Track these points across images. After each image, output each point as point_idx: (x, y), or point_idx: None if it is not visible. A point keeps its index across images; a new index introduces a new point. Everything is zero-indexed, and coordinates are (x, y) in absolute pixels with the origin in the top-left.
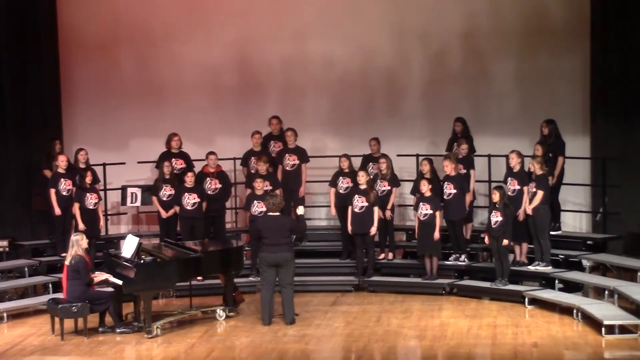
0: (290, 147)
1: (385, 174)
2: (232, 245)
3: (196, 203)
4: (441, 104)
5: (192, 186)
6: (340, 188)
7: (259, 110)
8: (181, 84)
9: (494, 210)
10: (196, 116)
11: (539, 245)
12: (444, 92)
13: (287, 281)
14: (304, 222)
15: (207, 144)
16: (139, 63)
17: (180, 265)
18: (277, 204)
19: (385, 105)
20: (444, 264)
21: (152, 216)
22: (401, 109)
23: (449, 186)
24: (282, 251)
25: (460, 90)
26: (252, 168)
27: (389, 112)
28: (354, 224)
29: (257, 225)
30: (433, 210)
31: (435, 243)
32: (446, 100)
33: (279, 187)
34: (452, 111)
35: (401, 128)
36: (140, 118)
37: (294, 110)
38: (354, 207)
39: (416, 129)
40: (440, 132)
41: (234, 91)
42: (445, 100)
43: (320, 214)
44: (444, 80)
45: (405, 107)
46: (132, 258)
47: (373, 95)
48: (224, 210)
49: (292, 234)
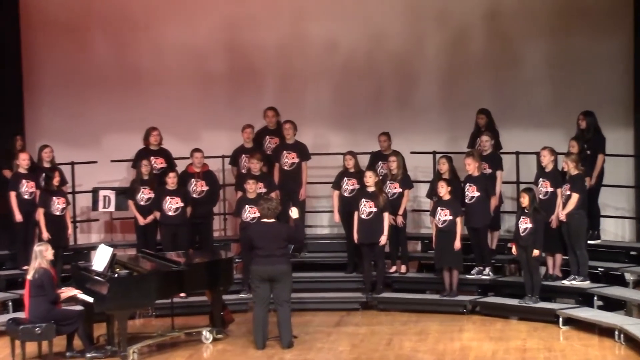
0: (288, 143)
1: (396, 174)
2: (221, 257)
3: (179, 208)
4: (461, 93)
5: (175, 188)
6: (345, 190)
7: (252, 101)
8: (162, 71)
9: (522, 216)
10: (179, 108)
11: (574, 257)
12: (465, 80)
13: (283, 298)
14: (301, 232)
15: (192, 139)
16: (113, 47)
17: (160, 279)
18: (272, 208)
19: (397, 96)
20: (465, 278)
21: (128, 223)
22: (415, 100)
23: (471, 188)
24: (278, 263)
25: (483, 78)
26: (243, 167)
27: (401, 103)
28: (361, 232)
29: (249, 233)
30: (453, 217)
31: (456, 254)
32: (467, 90)
33: (274, 189)
34: (474, 102)
35: (415, 121)
36: (114, 110)
37: (292, 101)
38: (361, 213)
39: (433, 123)
40: (460, 125)
41: (223, 79)
42: (466, 89)
43: (322, 221)
44: (464, 67)
45: (420, 98)
46: (105, 271)
47: (383, 84)
48: (211, 216)
49: (289, 244)
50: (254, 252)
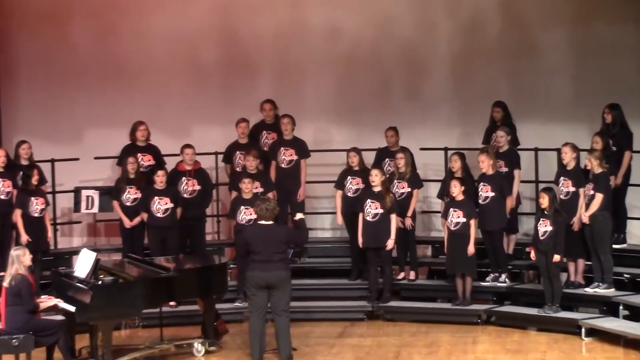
0: (286, 139)
1: (404, 172)
2: (214, 262)
3: (168, 209)
4: (475, 85)
5: (164, 188)
6: (349, 190)
7: (247, 93)
8: (149, 61)
9: (542, 218)
10: (168, 101)
11: (598, 262)
12: (479, 71)
13: (281, 307)
14: (305, 232)
15: (182, 135)
16: (96, 35)
17: (148, 287)
18: (269, 209)
19: (405, 87)
20: (479, 285)
21: (112, 225)
22: (425, 92)
23: (486, 188)
24: (276, 269)
25: (499, 67)
26: (238, 165)
27: (409, 95)
28: (366, 236)
29: (244, 236)
30: (466, 219)
31: (469, 259)
32: (481, 81)
33: (272, 188)
34: (489, 94)
35: (425, 115)
36: (98, 103)
37: (291, 93)
38: (366, 215)
39: (444, 117)
40: (474, 120)
41: (215, 70)
42: (481, 80)
43: (324, 223)
44: (478, 56)
45: (430, 89)
46: (88, 278)
47: (389, 75)
48: (203, 218)
49: (288, 248)
50: (249, 257)
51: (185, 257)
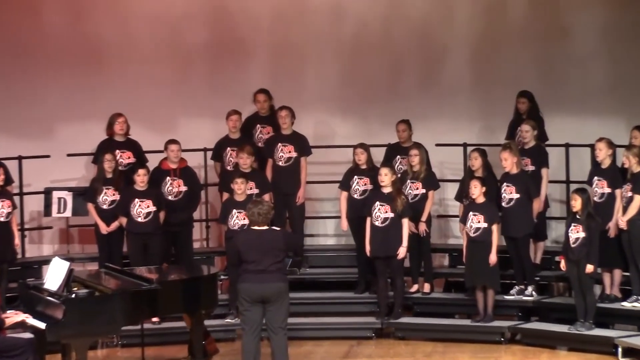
0: (284, 134)
1: (418, 171)
2: (202, 273)
3: (150, 213)
4: (498, 72)
5: (145, 189)
6: (355, 192)
7: (239, 81)
8: (130, 44)
9: (573, 223)
10: (151, 90)
11: (636, 273)
12: (503, 56)
13: (278, 323)
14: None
15: (167, 129)
16: (69, 15)
17: (127, 300)
18: (263, 213)
19: (419, 74)
20: (503, 299)
21: (87, 231)
22: (441, 80)
23: (510, 189)
24: (272, 280)
25: (525, 53)
26: (229, 163)
27: (423, 83)
28: (375, 243)
29: (236, 243)
30: (488, 224)
31: (491, 270)
32: (505, 67)
33: (268, 189)
34: (513, 82)
35: (441, 106)
36: (71, 93)
37: (289, 82)
38: (375, 219)
39: (463, 108)
40: (496, 112)
41: (204, 55)
42: (504, 67)
43: (327, 229)
44: (502, 39)
45: (448, 77)
46: (60, 291)
47: (401, 60)
48: (190, 223)
49: (287, 256)
50: (242, 267)
51: (169, 267)
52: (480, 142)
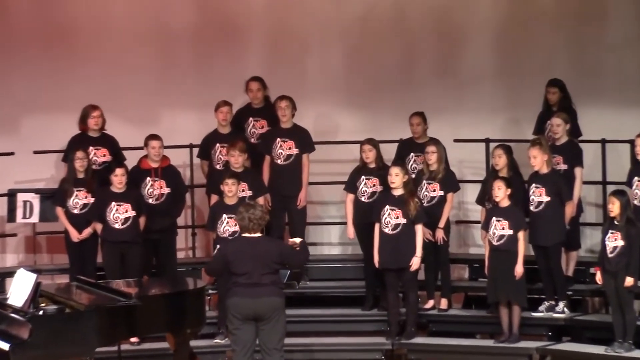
0: (283, 128)
1: (435, 171)
2: (187, 287)
3: (129, 218)
4: (525, 59)
5: (123, 191)
6: (363, 194)
7: (230, 69)
8: (105, 28)
9: (611, 229)
10: (129, 79)
11: None
12: (531, 41)
13: (273, 344)
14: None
15: (147, 122)
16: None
17: (103, 318)
18: (253, 219)
19: (436, 61)
20: (530, 316)
21: (57, 239)
22: (461, 68)
23: (539, 191)
24: (266, 295)
25: (556, 37)
26: (218, 162)
27: (441, 71)
28: (385, 253)
29: (226, 253)
30: (513, 230)
31: (517, 283)
32: (533, 54)
33: (263, 192)
34: (542, 70)
35: (461, 97)
36: (38, 83)
37: (287, 70)
38: (385, 226)
39: (485, 99)
40: (523, 103)
41: (190, 39)
42: (532, 53)
43: (331, 236)
44: (529, 22)
45: (468, 64)
46: (26, 307)
47: (415, 46)
48: (174, 229)
49: (283, 268)
50: (232, 280)
51: (150, 281)
52: (504, 137)
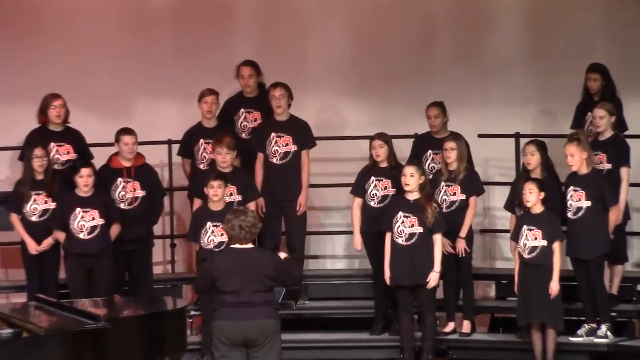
0: (278, 121)
1: (455, 170)
2: (166, 308)
3: (97, 227)
4: (562, 40)
5: (90, 195)
6: (372, 198)
7: (218, 53)
8: (70, 6)
9: None
10: (98, 64)
11: None
12: (567, 20)
13: None
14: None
15: (119, 114)
16: None
17: (67, 343)
18: (245, 227)
19: (456, 44)
20: (567, 341)
21: (11, 251)
22: (486, 50)
23: (578, 194)
24: (258, 316)
25: (596, 16)
26: (202, 160)
27: (463, 55)
28: (397, 267)
29: (211, 267)
30: (548, 241)
31: (552, 303)
32: (571, 35)
33: (255, 195)
34: (581, 54)
35: (486, 85)
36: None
37: (284, 55)
38: (397, 235)
39: (514, 87)
40: (559, 91)
41: (170, 18)
42: (570, 34)
43: (335, 248)
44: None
45: (495, 47)
46: None
47: (433, 27)
48: (149, 240)
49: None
50: (219, 299)
51: (122, 300)
52: (537, 132)
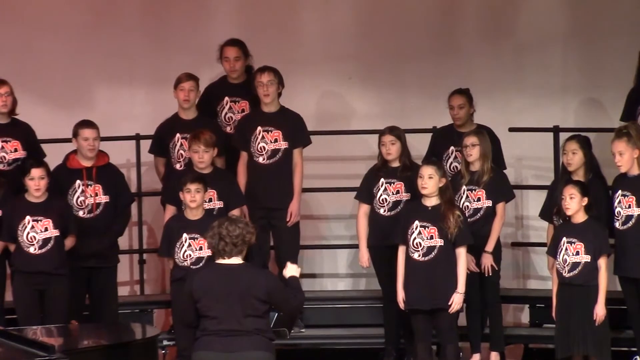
0: (266, 112)
1: (478, 171)
2: (133, 337)
3: (50, 239)
4: (607, 16)
5: (43, 200)
6: (382, 205)
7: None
8: None
9: None
10: (53, 44)
11: None
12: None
13: None
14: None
15: (78, 104)
16: None
17: None
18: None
19: (483, 20)
20: None
21: None
22: (519, 27)
23: (628, 200)
24: (247, 348)
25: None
26: (178, 159)
27: (490, 33)
28: (413, 288)
29: (191, 289)
30: (592, 256)
31: (597, 330)
32: (618, 9)
33: (238, 202)
34: (631, 32)
35: (518, 69)
36: None
37: (275, 31)
38: (412, 250)
39: (553, 72)
40: (605, 77)
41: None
42: (617, 6)
43: (337, 265)
44: None
45: (528, 23)
46: None
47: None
48: (114, 255)
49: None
50: (201, 327)
51: (81, 328)
52: (579, 125)
